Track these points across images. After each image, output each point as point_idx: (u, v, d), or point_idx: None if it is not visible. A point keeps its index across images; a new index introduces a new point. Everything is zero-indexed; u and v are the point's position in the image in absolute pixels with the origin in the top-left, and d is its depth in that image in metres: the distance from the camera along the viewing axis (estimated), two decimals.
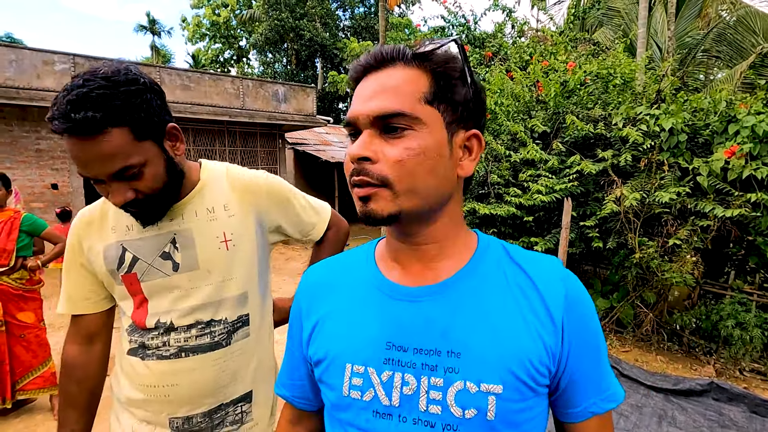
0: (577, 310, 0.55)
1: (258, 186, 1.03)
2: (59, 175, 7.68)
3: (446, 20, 7.51)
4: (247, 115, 8.98)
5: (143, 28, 28.83)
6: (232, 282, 0.98)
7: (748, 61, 6.51)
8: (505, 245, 0.61)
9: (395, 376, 0.54)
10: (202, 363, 0.95)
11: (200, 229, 0.95)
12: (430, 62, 0.53)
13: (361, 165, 0.52)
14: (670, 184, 3.32)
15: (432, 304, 0.55)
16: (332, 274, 0.67)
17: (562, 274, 0.57)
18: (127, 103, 0.76)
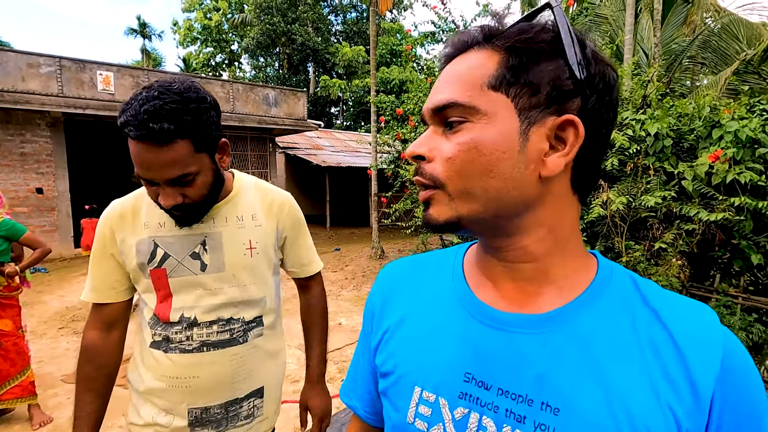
0: (739, 387, 0.40)
1: (283, 204, 1.14)
2: (44, 179, 7.56)
3: (436, 25, 7.55)
4: (237, 119, 8.93)
5: (133, 31, 28.66)
6: (254, 286, 1.07)
7: (732, 68, 6.62)
8: (636, 279, 0.47)
9: (471, 416, 0.45)
10: (222, 357, 1.02)
11: (229, 235, 1.04)
12: (503, 38, 0.44)
13: (419, 164, 0.47)
14: (656, 189, 3.35)
15: (528, 339, 0.45)
16: (414, 272, 0.59)
17: (719, 334, 0.41)
18: (196, 119, 0.86)
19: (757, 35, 8.07)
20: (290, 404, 3.01)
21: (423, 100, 6.64)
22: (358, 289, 6.37)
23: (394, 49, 19.18)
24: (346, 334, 4.40)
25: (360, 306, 5.47)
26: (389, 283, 0.60)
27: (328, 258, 8.88)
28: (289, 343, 4.14)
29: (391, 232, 12.27)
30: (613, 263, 0.49)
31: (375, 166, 8.38)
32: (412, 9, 25.20)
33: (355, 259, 8.65)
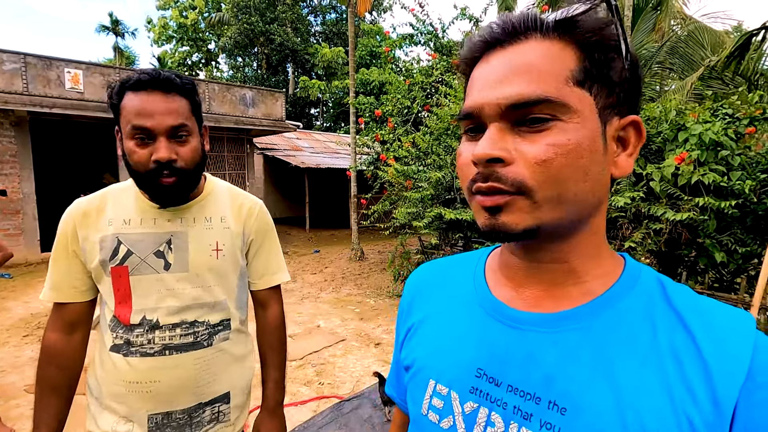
0: (766, 397, 0.36)
1: (252, 208, 1.13)
2: (8, 180, 7.25)
3: (414, 28, 7.59)
4: (213, 120, 8.76)
5: (105, 28, 27.81)
6: (218, 288, 1.05)
7: (697, 73, 6.88)
8: (664, 281, 0.45)
9: (480, 411, 0.45)
10: (185, 361, 0.99)
11: (196, 235, 1.03)
12: (578, 31, 0.41)
13: (491, 168, 0.41)
14: (626, 189, 3.45)
15: (540, 338, 0.44)
16: (438, 276, 0.60)
17: (750, 340, 0.38)
18: (191, 87, 0.97)
19: (720, 42, 8.43)
20: None
21: (401, 101, 6.66)
22: (337, 291, 6.34)
23: (374, 50, 19.19)
24: (323, 337, 4.36)
25: (339, 308, 5.44)
26: (416, 285, 0.62)
27: (308, 260, 8.80)
28: None
29: (371, 234, 12.26)
30: (644, 266, 0.47)
31: (354, 167, 8.36)
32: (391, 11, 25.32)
33: (334, 261, 8.61)
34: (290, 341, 4.24)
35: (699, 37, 8.72)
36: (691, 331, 0.40)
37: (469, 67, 0.47)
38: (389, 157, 5.84)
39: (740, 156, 3.39)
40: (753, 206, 3.39)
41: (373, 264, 8.29)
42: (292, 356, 3.84)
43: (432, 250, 5.77)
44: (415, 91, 6.61)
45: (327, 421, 2.78)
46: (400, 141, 5.96)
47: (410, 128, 6.49)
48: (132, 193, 1.03)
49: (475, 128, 0.44)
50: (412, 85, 6.73)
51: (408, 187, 5.31)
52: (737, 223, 3.54)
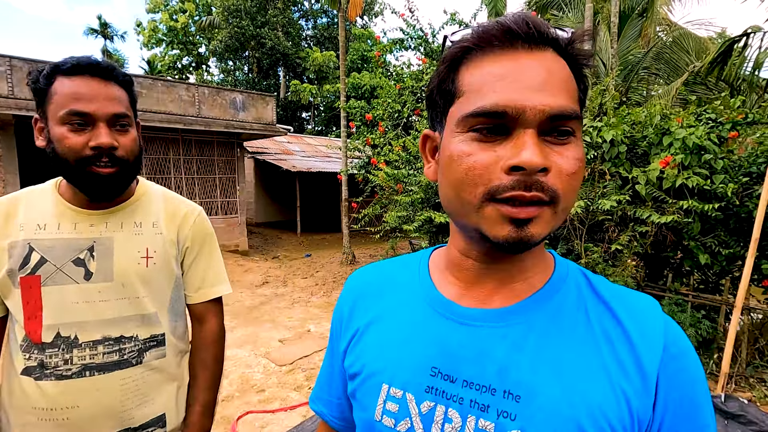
0: (679, 368, 0.43)
1: (188, 214, 1.05)
2: None
3: (405, 33, 7.64)
4: (203, 123, 8.71)
5: (94, 31, 27.55)
6: (148, 299, 0.95)
7: (682, 79, 7.02)
8: (587, 273, 0.50)
9: (437, 409, 0.46)
10: (108, 382, 0.89)
11: (122, 241, 0.94)
12: (578, 56, 0.43)
13: (535, 177, 0.39)
14: (612, 193, 3.50)
15: (489, 333, 0.46)
16: (380, 278, 0.60)
17: (662, 321, 0.45)
18: (129, 80, 0.93)
19: (704, 48, 8.61)
20: (255, 414, 2.94)
21: (392, 105, 6.69)
22: (328, 296, 6.32)
23: (365, 54, 19.25)
24: (314, 341, 4.34)
25: (329, 312, 5.42)
26: (357, 289, 0.61)
27: (299, 264, 8.76)
28: (255, 351, 4.05)
29: (363, 238, 12.25)
30: (568, 260, 0.52)
31: (345, 171, 8.36)
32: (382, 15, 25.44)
33: (326, 265, 8.58)
34: (280, 346, 4.22)
35: (684, 43, 8.91)
36: (617, 315, 0.46)
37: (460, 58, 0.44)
38: (380, 161, 5.85)
39: (723, 160, 3.46)
40: (736, 209, 3.46)
41: None
42: (281, 361, 3.82)
43: None
44: (406, 96, 6.64)
45: (316, 426, 2.76)
46: (391, 145, 5.98)
47: (401, 132, 6.51)
48: (50, 194, 0.94)
49: (495, 129, 0.41)
50: (402, 89, 6.77)
51: (398, 190, 5.32)
52: (721, 225, 3.60)
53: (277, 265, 8.70)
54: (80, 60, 0.86)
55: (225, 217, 9.64)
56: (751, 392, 3.12)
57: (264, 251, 10.39)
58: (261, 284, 7.00)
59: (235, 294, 6.31)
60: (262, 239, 11.86)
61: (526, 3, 11.52)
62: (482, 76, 0.42)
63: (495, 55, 0.42)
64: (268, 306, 5.71)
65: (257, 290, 6.62)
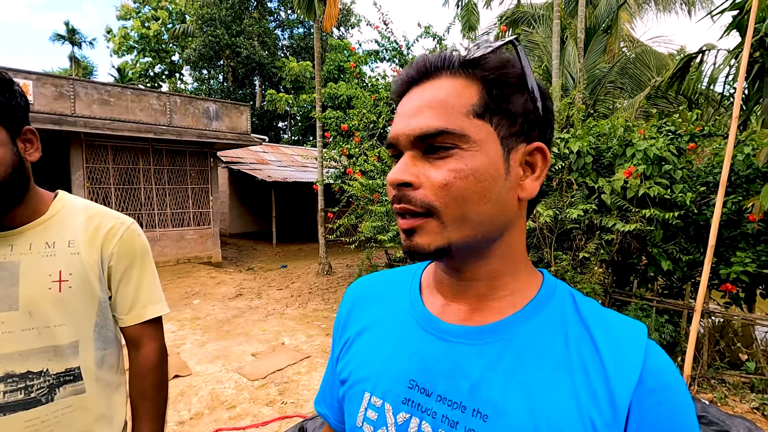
0: (656, 402, 0.41)
1: (114, 229, 0.95)
2: None
3: (380, 44, 7.74)
4: (174, 133, 8.53)
5: (61, 37, 26.73)
6: (61, 329, 0.87)
7: (644, 93, 7.35)
8: (576, 296, 0.49)
9: (411, 421, 0.48)
10: (10, 425, 0.81)
11: (30, 264, 0.85)
12: (480, 69, 0.45)
13: (402, 191, 0.45)
14: (579, 202, 3.61)
15: (466, 350, 0.47)
16: (376, 288, 0.62)
17: (641, 351, 0.43)
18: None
19: (664, 64, 9.07)
20: (225, 431, 2.85)
21: (367, 116, 6.73)
22: (304, 307, 6.23)
23: (341, 65, 19.36)
24: (288, 354, 4.26)
25: (305, 324, 5.34)
26: (354, 298, 0.63)
27: (274, 275, 8.62)
28: (227, 366, 3.94)
29: (339, 248, 12.17)
30: (559, 281, 0.51)
31: (321, 181, 8.33)
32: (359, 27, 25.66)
33: (301, 276, 8.47)
34: (253, 360, 4.12)
35: (646, 59, 9.36)
36: (596, 342, 0.44)
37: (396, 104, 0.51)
38: (355, 171, 5.86)
39: (682, 170, 3.63)
40: (694, 217, 3.62)
41: (341, 278, 8.22)
42: (253, 376, 3.73)
43: (399, 263, 5.79)
44: (381, 106, 6.70)
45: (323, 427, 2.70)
46: (366, 155, 6.00)
47: (376, 143, 6.55)
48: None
49: (398, 155, 0.48)
50: (377, 100, 6.82)
51: (374, 200, 5.34)
52: (681, 232, 3.77)
53: (252, 276, 8.53)
54: None
55: (198, 228, 9.41)
56: (712, 393, 3.24)
57: (238, 263, 10.18)
58: (234, 297, 6.84)
59: (207, 307, 6.14)
60: (237, 250, 11.63)
61: (497, 18, 11.88)
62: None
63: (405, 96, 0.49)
64: (242, 319, 5.58)
65: (230, 303, 6.46)
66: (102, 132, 7.61)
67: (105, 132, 7.63)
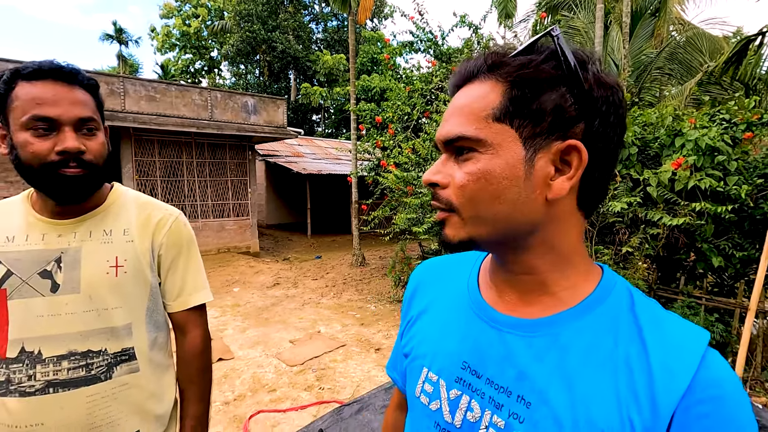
0: (705, 414, 0.40)
1: (163, 220, 1.02)
2: (13, 188, 7.32)
3: (414, 35, 7.67)
4: (215, 127, 8.84)
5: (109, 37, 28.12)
6: (117, 311, 0.92)
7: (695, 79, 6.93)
8: (636, 296, 0.49)
9: (462, 398, 0.52)
10: (74, 400, 0.87)
11: (90, 250, 0.91)
12: (505, 70, 0.46)
13: (432, 190, 0.51)
14: (623, 195, 3.48)
15: (515, 340, 0.50)
16: (439, 272, 0.66)
17: (697, 359, 0.42)
18: (95, 84, 0.92)
19: (718, 48, 8.48)
20: (266, 413, 2.99)
21: (402, 108, 6.72)
22: (338, 297, 6.36)
23: (375, 57, 19.35)
24: (324, 342, 4.38)
25: (340, 314, 5.46)
26: (418, 280, 0.69)
27: (309, 266, 8.83)
28: (266, 351, 4.11)
29: (373, 239, 12.28)
30: (620, 279, 0.51)
31: (355, 173, 8.41)
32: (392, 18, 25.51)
33: (336, 267, 8.63)
34: (291, 347, 4.27)
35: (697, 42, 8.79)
36: (646, 344, 0.44)
37: None
38: (390, 164, 5.89)
39: (737, 161, 3.41)
40: (750, 211, 3.41)
41: (374, 270, 8.31)
42: (292, 362, 3.87)
43: (432, 255, 5.80)
44: (415, 98, 6.67)
45: (327, 425, 2.79)
46: (401, 147, 6.01)
47: (410, 134, 6.54)
48: (21, 206, 0.93)
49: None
50: (412, 92, 6.79)
51: (408, 192, 5.35)
52: (735, 227, 3.56)
53: (288, 266, 8.78)
54: (42, 64, 0.84)
55: (237, 219, 9.76)
56: (766, 397, 3.07)
57: (275, 253, 10.48)
58: (272, 286, 7.07)
59: (247, 295, 6.39)
60: (273, 241, 11.97)
61: (536, 4, 11.48)
62: None
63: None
64: (279, 307, 5.77)
65: (268, 291, 6.69)
66: (149, 127, 8.00)
67: (152, 127, 8.03)
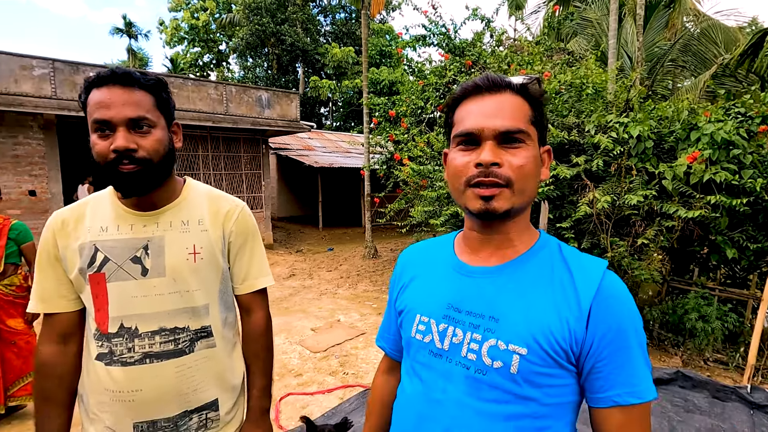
0: (608, 303, 0.64)
1: (231, 211, 1.12)
2: (37, 181, 7.53)
3: (427, 29, 7.71)
4: (230, 121, 8.98)
5: (119, 31, 28.26)
6: (197, 293, 1.03)
7: (710, 71, 6.91)
8: (563, 246, 0.73)
9: (448, 329, 0.72)
10: (165, 369, 0.99)
11: (172, 239, 1.02)
12: (530, 93, 0.70)
13: (491, 169, 0.65)
14: (638, 188, 3.55)
15: (485, 281, 0.72)
16: (420, 253, 0.88)
17: (601, 273, 0.67)
18: (158, 84, 0.98)
19: (733, 39, 8.40)
20: (295, 396, 3.14)
21: (415, 102, 6.79)
22: (354, 288, 6.51)
23: (384, 49, 19.30)
24: (344, 330, 4.53)
25: (357, 304, 5.61)
26: (405, 259, 0.90)
27: (322, 257, 8.99)
28: (290, 339, 4.26)
29: (383, 232, 12.41)
30: (551, 237, 0.76)
31: (368, 166, 8.50)
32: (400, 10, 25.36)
33: (348, 259, 8.78)
34: (313, 334, 4.42)
35: (712, 34, 8.71)
36: (571, 270, 0.68)
37: (455, 104, 0.73)
38: (403, 157, 5.98)
39: (752, 155, 3.47)
40: (765, 204, 3.48)
41: (386, 261, 8.44)
42: (315, 348, 4.02)
43: None
44: (429, 92, 6.74)
45: (354, 408, 2.94)
46: (414, 141, 6.09)
47: (424, 128, 6.62)
48: (109, 200, 1.03)
49: (469, 142, 0.69)
50: (425, 85, 6.85)
51: (423, 186, 5.45)
52: (749, 220, 3.62)
53: (302, 258, 8.94)
54: (101, 71, 0.94)
55: (251, 211, 9.92)
56: None
57: (287, 245, 10.66)
58: (288, 276, 7.24)
59: None
60: (285, 233, 12.14)
61: None
62: (462, 113, 0.71)
63: (469, 100, 0.71)
64: (297, 297, 5.93)
65: (285, 282, 6.85)
66: None
67: None
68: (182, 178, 1.13)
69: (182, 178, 1.13)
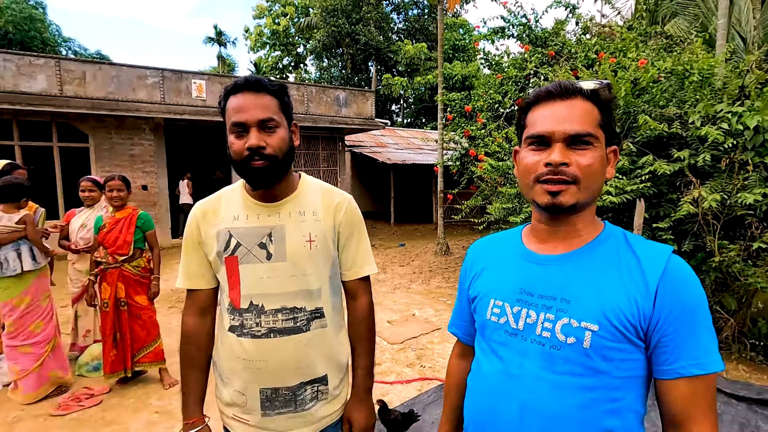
0: (674, 283, 0.70)
1: (341, 203, 1.22)
2: (148, 177, 8.57)
3: (506, 20, 7.46)
4: (310, 120, 9.46)
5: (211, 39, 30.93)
6: (312, 277, 1.14)
7: None
8: (628, 235, 0.80)
9: (522, 311, 0.79)
10: (286, 344, 1.11)
11: (292, 228, 1.13)
12: (600, 99, 0.77)
13: (560, 168, 0.73)
14: (755, 185, 3.16)
15: (555, 268, 0.79)
16: (489, 245, 0.97)
17: (667, 256, 0.73)
18: (281, 89, 1.11)
19: None
20: (375, 383, 3.27)
21: (493, 96, 6.63)
22: (427, 283, 6.55)
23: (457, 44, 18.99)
24: (419, 325, 4.60)
25: (430, 299, 5.65)
26: (475, 251, 0.98)
27: (394, 253, 9.14)
28: None
29: (454, 229, 12.28)
30: (616, 227, 0.82)
31: (441, 163, 8.47)
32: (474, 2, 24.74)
33: (420, 255, 8.83)
34: (389, 326, 4.55)
35: None
36: (638, 256, 0.74)
37: (528, 107, 0.80)
38: (480, 153, 5.87)
39: None
40: None
41: (458, 258, 8.37)
42: (392, 340, 4.14)
43: None
44: (507, 86, 6.53)
45: (432, 400, 2.99)
46: (491, 136, 5.96)
47: (502, 123, 6.44)
48: (239, 192, 1.17)
49: (540, 143, 0.76)
50: (504, 79, 6.66)
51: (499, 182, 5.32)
52: None
53: (374, 253, 9.11)
54: (237, 80, 1.07)
55: None
56: None
57: None
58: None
59: None
60: None
61: None
62: (535, 116, 0.78)
63: (542, 105, 0.78)
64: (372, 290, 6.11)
65: None
66: None
67: None
68: (297, 174, 1.25)
69: (297, 173, 1.25)
